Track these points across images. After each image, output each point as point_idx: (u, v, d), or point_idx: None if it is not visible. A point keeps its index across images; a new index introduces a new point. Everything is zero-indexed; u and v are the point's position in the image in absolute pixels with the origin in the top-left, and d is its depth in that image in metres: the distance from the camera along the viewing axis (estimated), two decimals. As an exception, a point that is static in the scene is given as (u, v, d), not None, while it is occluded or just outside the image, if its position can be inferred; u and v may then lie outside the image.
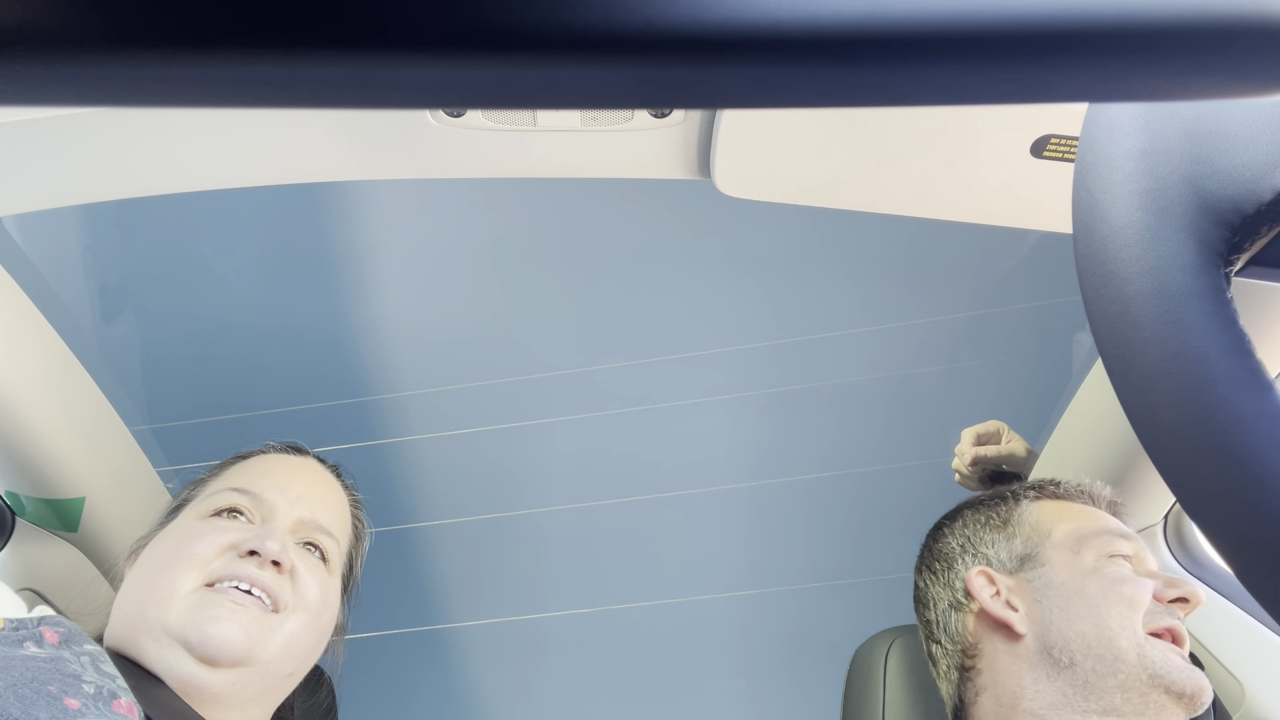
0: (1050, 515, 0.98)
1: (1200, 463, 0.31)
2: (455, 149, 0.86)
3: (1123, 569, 0.90)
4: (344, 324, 1.86)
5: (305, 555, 0.83)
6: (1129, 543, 0.93)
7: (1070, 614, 0.88)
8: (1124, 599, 0.86)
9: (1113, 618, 0.86)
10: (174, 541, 0.80)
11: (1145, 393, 0.32)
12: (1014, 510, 1.01)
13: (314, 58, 0.18)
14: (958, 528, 1.04)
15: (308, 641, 0.80)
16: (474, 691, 2.22)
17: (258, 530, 0.81)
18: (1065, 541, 0.94)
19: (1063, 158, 0.81)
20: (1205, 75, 0.20)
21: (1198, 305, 0.31)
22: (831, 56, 0.19)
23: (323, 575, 0.84)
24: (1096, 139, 0.35)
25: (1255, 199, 0.31)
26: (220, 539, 0.79)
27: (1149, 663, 0.83)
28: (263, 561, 0.77)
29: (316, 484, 0.90)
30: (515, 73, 0.19)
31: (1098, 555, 0.91)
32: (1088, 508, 0.99)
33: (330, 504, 0.90)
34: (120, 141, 0.83)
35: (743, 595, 2.15)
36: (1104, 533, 0.93)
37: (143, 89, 0.19)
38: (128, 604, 0.78)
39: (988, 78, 0.20)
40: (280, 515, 0.84)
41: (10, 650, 0.65)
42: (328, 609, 0.83)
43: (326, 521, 0.87)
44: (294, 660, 0.79)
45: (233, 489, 0.85)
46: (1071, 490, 1.02)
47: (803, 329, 1.91)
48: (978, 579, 0.95)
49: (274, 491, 0.85)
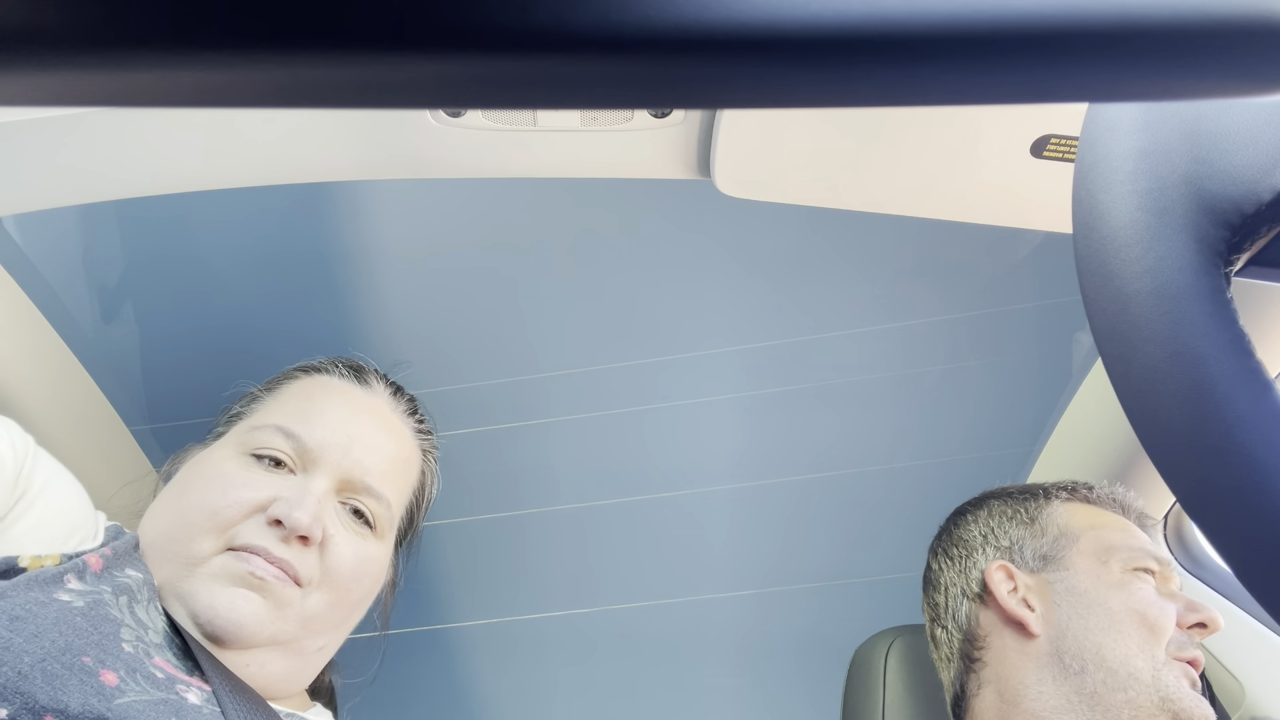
0: (1080, 519, 0.97)
1: (1200, 463, 0.31)
2: (455, 149, 0.86)
3: (1147, 588, 0.89)
4: (344, 324, 1.86)
5: (344, 521, 0.73)
6: (1156, 561, 0.92)
7: (1089, 624, 0.88)
8: (1148, 623, 0.86)
9: (1132, 638, 0.86)
10: (204, 482, 0.71)
11: (1145, 393, 0.32)
12: (1044, 508, 1.00)
13: (314, 58, 0.18)
14: (982, 516, 1.02)
15: (334, 617, 0.72)
16: (474, 691, 2.22)
17: (292, 490, 0.70)
18: (1093, 549, 0.93)
19: (1063, 158, 0.81)
20: (1205, 75, 0.20)
21: (1198, 305, 0.31)
22: (832, 56, 0.19)
23: (361, 545, 0.73)
24: (1096, 139, 0.35)
25: (1255, 199, 0.31)
26: (250, 495, 0.69)
27: (1163, 686, 0.83)
28: (288, 534, 0.68)
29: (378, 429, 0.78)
30: (515, 73, 0.19)
31: (1124, 569, 0.91)
32: (1119, 518, 0.98)
33: (390, 454, 0.77)
34: (120, 141, 0.83)
35: (743, 595, 2.15)
36: (1133, 546, 0.93)
37: (143, 89, 0.19)
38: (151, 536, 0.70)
39: (988, 78, 0.20)
40: (325, 469, 0.72)
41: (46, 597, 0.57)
42: (364, 579, 0.74)
43: (378, 482, 0.75)
44: (320, 635, 0.72)
45: (278, 428, 0.73)
46: (1104, 497, 1.01)
47: (803, 329, 1.91)
48: (997, 573, 0.94)
49: (323, 438, 0.73)
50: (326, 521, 0.71)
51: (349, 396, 0.79)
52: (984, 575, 0.95)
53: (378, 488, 0.75)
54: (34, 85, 0.18)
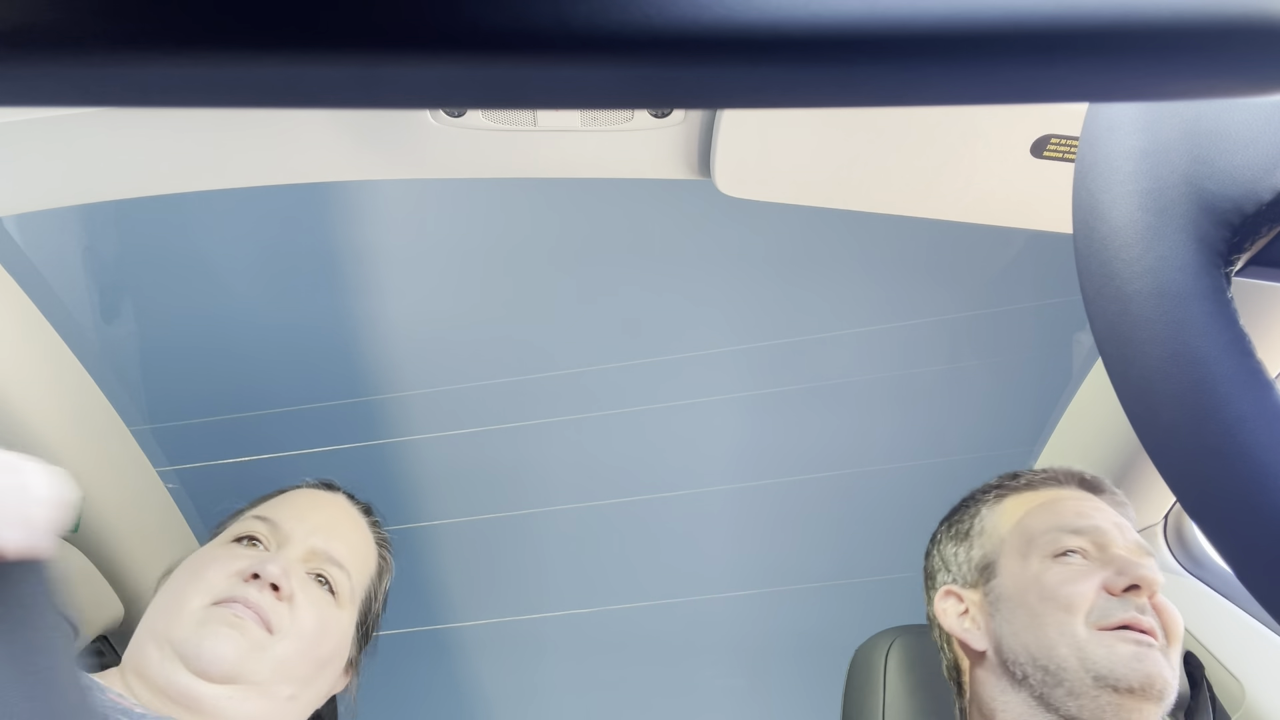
0: (1007, 517, 0.95)
1: (1200, 463, 0.31)
2: (455, 149, 0.86)
3: (1067, 569, 0.85)
4: (344, 324, 1.86)
5: (309, 585, 0.85)
6: (1078, 536, 0.88)
7: (1015, 627, 0.86)
8: (1060, 604, 0.83)
9: (1050, 626, 0.83)
10: (194, 566, 0.85)
11: (1145, 393, 0.32)
12: (974, 518, 0.98)
13: (314, 57, 0.18)
14: (935, 546, 1.02)
15: (302, 668, 0.82)
16: (474, 691, 2.22)
17: (264, 556, 0.85)
18: (1017, 546, 0.91)
19: (1063, 158, 0.81)
20: (1205, 75, 0.20)
21: (1198, 305, 0.31)
22: (831, 56, 0.19)
23: (324, 606, 0.86)
24: (1096, 139, 0.35)
25: (1255, 199, 0.31)
26: (231, 565, 0.83)
27: (1091, 664, 0.80)
28: (262, 585, 0.81)
29: (338, 517, 0.93)
30: (515, 73, 0.19)
31: (1043, 557, 0.88)
32: (1052, 494, 0.95)
33: (348, 538, 0.92)
34: (120, 141, 0.83)
35: (742, 595, 2.15)
36: (1050, 529, 0.89)
37: (143, 89, 0.19)
38: (148, 619, 0.82)
39: (988, 78, 0.20)
40: (294, 544, 0.87)
41: None
42: (327, 639, 0.85)
43: (340, 554, 0.89)
44: (289, 684, 0.81)
45: (255, 517, 0.90)
46: (1035, 479, 0.97)
47: (803, 329, 1.91)
48: (942, 601, 0.94)
49: (292, 520, 0.89)
50: (295, 584, 0.83)
51: (316, 496, 0.96)
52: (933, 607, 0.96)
53: (340, 558, 0.89)
54: (34, 85, 0.18)
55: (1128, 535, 0.90)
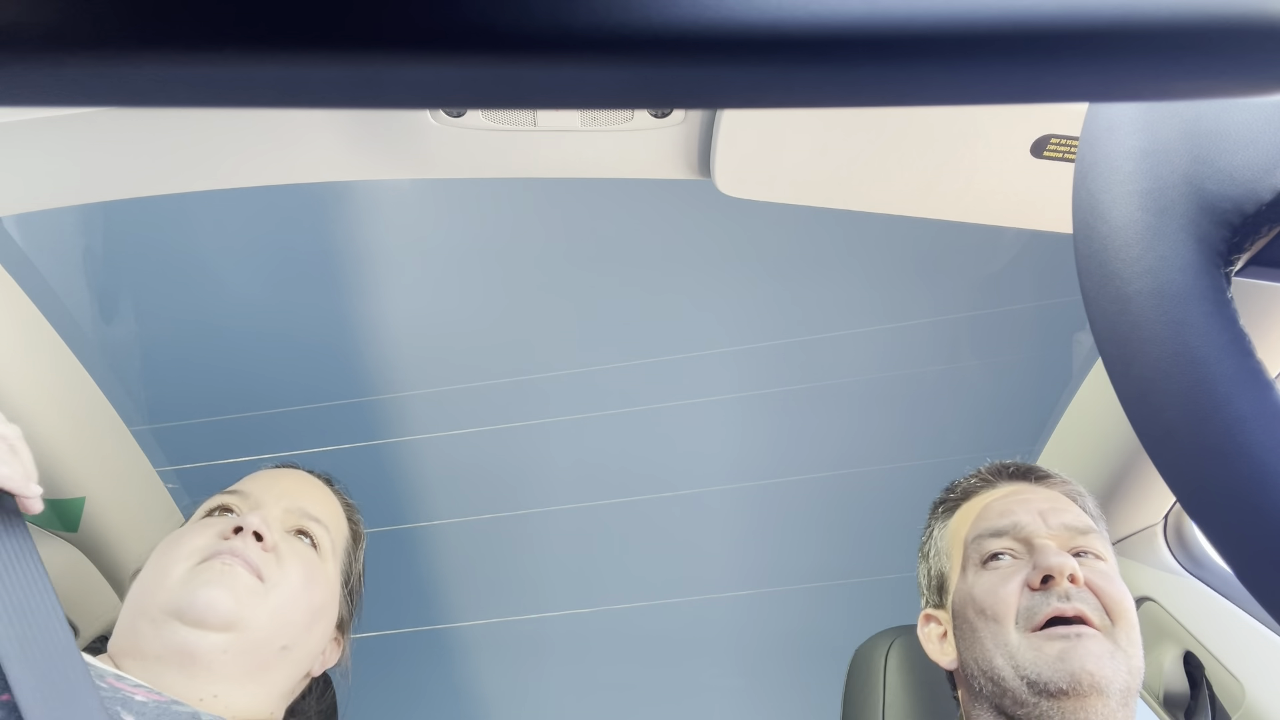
0: (951, 532, 0.94)
1: (1200, 463, 0.31)
2: (455, 149, 0.86)
3: (994, 574, 0.85)
4: (344, 324, 1.86)
5: (292, 541, 0.86)
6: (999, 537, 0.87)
7: (964, 643, 0.86)
8: (989, 615, 0.83)
9: (986, 638, 0.83)
10: (169, 541, 0.85)
11: (1145, 393, 0.32)
12: (930, 539, 0.98)
13: (314, 57, 0.18)
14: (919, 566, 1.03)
15: (296, 615, 0.83)
16: (474, 691, 2.22)
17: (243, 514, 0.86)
18: (960, 559, 0.90)
19: (1063, 158, 0.81)
20: (1205, 75, 0.20)
21: (1198, 305, 0.31)
22: (832, 56, 0.19)
23: (309, 558, 0.86)
24: (1096, 139, 0.35)
25: (1255, 199, 0.30)
26: (210, 530, 0.84)
27: (1023, 671, 0.79)
28: (246, 535, 0.81)
29: (303, 484, 0.94)
30: (515, 73, 0.19)
31: (975, 567, 0.87)
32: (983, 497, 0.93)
33: (318, 499, 0.93)
34: (120, 141, 0.83)
35: (742, 595, 2.15)
36: (976, 536, 0.88)
37: (143, 89, 0.19)
38: (131, 602, 0.82)
39: (987, 78, 0.20)
40: (268, 506, 0.88)
41: None
42: (316, 587, 0.86)
43: (316, 510, 0.90)
44: (285, 633, 0.82)
45: (225, 490, 0.91)
46: (970, 486, 0.97)
47: (803, 329, 1.91)
48: (924, 627, 0.95)
49: (261, 490, 0.90)
50: (277, 536, 0.84)
51: (278, 471, 0.97)
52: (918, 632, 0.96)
53: (316, 513, 0.90)
54: (34, 85, 0.18)
55: (1053, 520, 0.87)
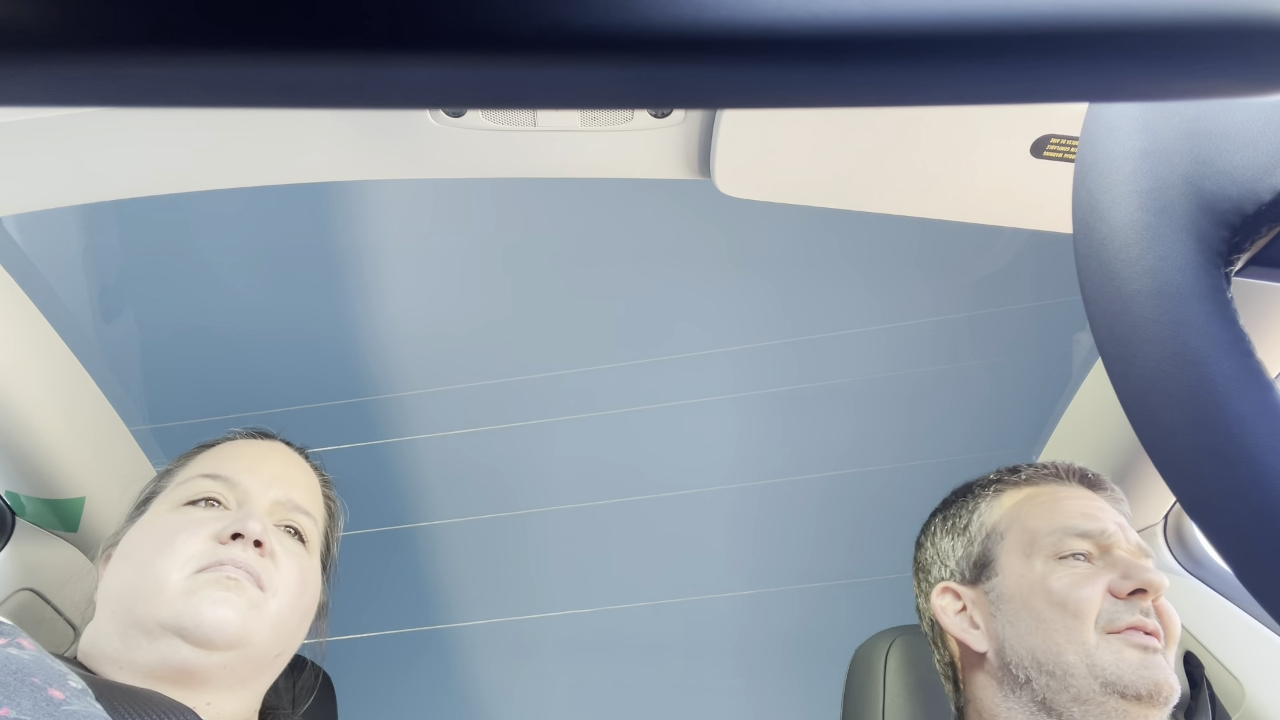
0: (1007, 513, 0.93)
1: (1200, 463, 0.31)
2: (455, 149, 0.86)
3: (1073, 572, 0.84)
4: (344, 324, 1.86)
5: (284, 538, 0.83)
6: (1084, 539, 0.87)
7: (1020, 630, 0.85)
8: (1069, 610, 0.82)
9: (1059, 631, 0.82)
10: (154, 536, 0.79)
11: (1145, 393, 0.32)
12: (972, 512, 0.96)
13: (315, 57, 0.18)
14: (929, 537, 1.01)
15: (292, 623, 0.81)
16: (473, 691, 2.22)
17: (236, 514, 0.80)
18: (1018, 544, 0.89)
19: (1063, 158, 0.81)
20: (1206, 75, 0.20)
21: (1198, 305, 0.31)
22: (831, 56, 0.19)
23: (302, 557, 0.84)
24: (1096, 139, 0.35)
25: (1255, 199, 0.30)
26: (202, 529, 0.78)
27: (1099, 670, 0.79)
28: (246, 543, 0.78)
29: (287, 465, 0.90)
30: (515, 73, 0.19)
31: (1047, 559, 0.86)
32: (1053, 491, 0.93)
33: (302, 484, 0.90)
34: (120, 141, 0.83)
35: (742, 595, 2.15)
36: (1055, 530, 0.88)
37: (142, 89, 0.19)
38: (113, 602, 0.77)
39: (987, 78, 0.20)
40: (255, 498, 0.84)
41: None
42: (308, 589, 0.84)
43: (302, 501, 0.87)
44: (281, 641, 0.80)
45: (204, 475, 0.84)
46: (1036, 474, 0.96)
47: (803, 329, 1.91)
48: (940, 598, 0.93)
49: (246, 474, 0.85)
50: (272, 538, 0.81)
51: (254, 444, 0.92)
52: (930, 602, 0.94)
53: (304, 505, 0.87)
54: (33, 85, 0.18)
55: (1130, 536, 0.89)
